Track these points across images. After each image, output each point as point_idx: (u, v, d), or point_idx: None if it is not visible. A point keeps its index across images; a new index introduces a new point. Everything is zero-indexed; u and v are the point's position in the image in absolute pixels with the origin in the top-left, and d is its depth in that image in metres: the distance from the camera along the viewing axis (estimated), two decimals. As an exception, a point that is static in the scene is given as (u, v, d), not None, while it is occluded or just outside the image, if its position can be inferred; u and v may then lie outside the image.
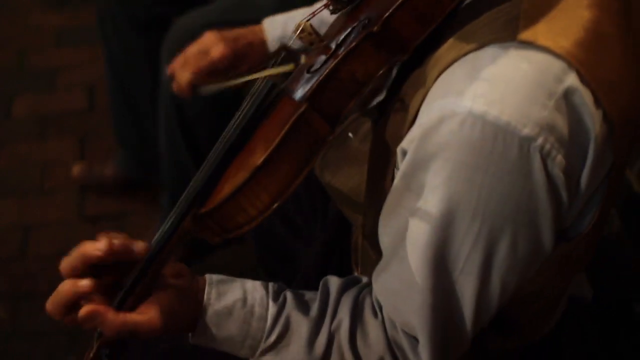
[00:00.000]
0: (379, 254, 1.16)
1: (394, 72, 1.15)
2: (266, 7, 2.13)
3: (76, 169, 2.78)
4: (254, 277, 1.22)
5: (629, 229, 2.08)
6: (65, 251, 1.12)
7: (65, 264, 1.10)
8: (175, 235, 1.10)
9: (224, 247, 2.31)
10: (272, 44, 1.63)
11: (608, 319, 1.41)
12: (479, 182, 0.98)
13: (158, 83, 2.29)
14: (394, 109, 1.10)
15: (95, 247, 1.08)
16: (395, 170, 1.10)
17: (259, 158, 1.05)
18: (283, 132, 1.05)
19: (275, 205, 1.07)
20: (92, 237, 1.11)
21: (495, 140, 0.96)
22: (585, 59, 0.98)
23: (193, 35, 1.84)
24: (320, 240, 1.61)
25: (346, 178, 1.28)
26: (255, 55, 1.63)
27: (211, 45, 1.61)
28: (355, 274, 1.32)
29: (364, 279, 1.24)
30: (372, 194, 1.16)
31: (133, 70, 2.49)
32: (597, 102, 0.99)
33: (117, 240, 1.09)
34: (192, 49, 1.63)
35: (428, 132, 1.00)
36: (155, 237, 1.11)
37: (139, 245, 1.10)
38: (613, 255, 2.09)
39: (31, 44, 3.44)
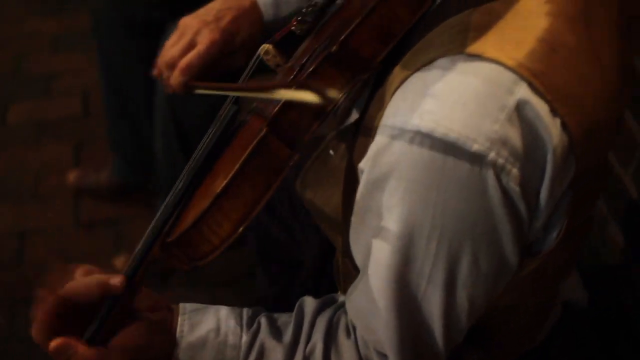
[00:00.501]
0: (358, 272, 1.15)
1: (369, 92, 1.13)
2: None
3: (71, 176, 2.78)
4: (251, 282, 1.21)
5: (626, 234, 2.08)
6: (61, 257, 1.12)
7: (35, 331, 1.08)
8: (143, 265, 1.10)
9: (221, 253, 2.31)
10: (268, 10, 1.48)
11: (605, 322, 1.40)
12: (432, 200, 0.96)
13: (154, 88, 2.28)
14: (361, 130, 1.08)
15: (115, 281, 1.08)
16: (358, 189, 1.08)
17: (219, 185, 1.04)
18: (243, 157, 1.04)
19: (239, 232, 1.06)
20: (88, 243, 1.11)
21: (445, 158, 0.93)
22: (538, 70, 0.94)
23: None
24: (316, 247, 1.60)
25: (327, 196, 1.25)
26: (247, 25, 1.46)
27: (193, 35, 1.43)
28: (339, 292, 1.32)
29: (341, 298, 1.23)
30: (346, 213, 1.14)
31: (128, 76, 2.48)
32: (554, 112, 0.94)
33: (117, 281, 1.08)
34: (175, 46, 1.44)
35: (380, 152, 0.98)
36: (125, 266, 1.11)
37: (115, 280, 1.09)
38: (610, 261, 2.10)
39: (27, 49, 3.45)
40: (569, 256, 1.15)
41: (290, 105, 1.05)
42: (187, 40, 1.42)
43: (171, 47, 1.44)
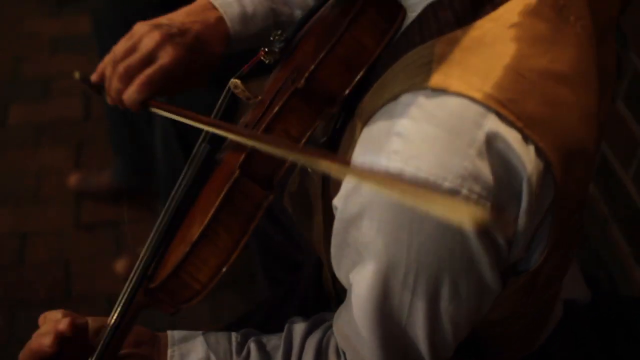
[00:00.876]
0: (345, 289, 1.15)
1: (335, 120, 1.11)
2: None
3: (72, 179, 2.78)
4: (253, 287, 1.21)
5: (626, 234, 2.08)
6: (62, 259, 1.12)
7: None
8: (130, 311, 1.10)
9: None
10: (235, 25, 1.33)
11: (605, 323, 1.40)
12: (405, 240, 0.94)
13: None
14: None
15: (42, 344, 1.06)
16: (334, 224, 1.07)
17: (195, 233, 1.04)
18: (217, 202, 1.03)
19: (219, 275, 1.06)
20: (88, 245, 1.12)
21: None
22: (507, 99, 0.90)
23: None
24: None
25: (308, 223, 1.24)
26: (212, 41, 1.31)
27: (154, 46, 1.25)
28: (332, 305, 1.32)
29: (331, 317, 1.21)
30: (328, 237, 1.11)
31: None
32: (526, 139, 0.91)
33: (64, 327, 1.06)
34: (132, 56, 1.26)
35: (351, 192, 0.97)
36: (112, 312, 1.10)
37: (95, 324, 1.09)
38: (611, 261, 2.09)
39: (26, 51, 3.44)
40: (560, 265, 1.13)
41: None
42: (146, 52, 1.25)
43: (124, 55, 1.27)
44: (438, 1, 0.97)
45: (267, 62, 1.18)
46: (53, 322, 1.08)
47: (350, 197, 0.97)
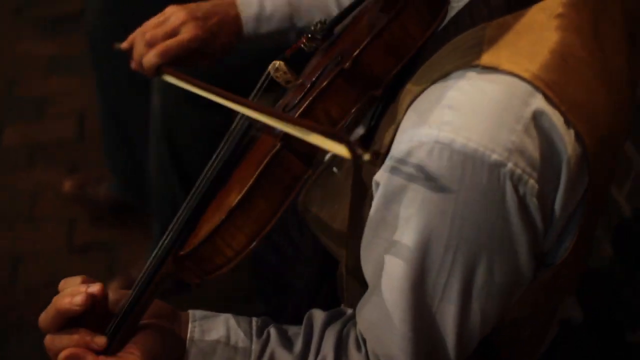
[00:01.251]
0: (363, 286, 1.16)
1: (375, 108, 1.14)
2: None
3: (67, 185, 2.76)
4: (247, 307, 1.21)
5: (620, 253, 2.08)
6: (54, 282, 1.12)
7: (43, 320, 1.09)
8: (156, 278, 1.10)
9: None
10: (248, 24, 1.53)
11: (600, 341, 1.41)
12: (450, 211, 0.97)
13: (149, 109, 2.28)
14: (371, 145, 1.09)
15: (73, 303, 1.06)
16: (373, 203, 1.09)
17: (234, 199, 1.05)
18: (257, 172, 1.04)
19: (253, 245, 1.06)
20: (82, 267, 1.11)
21: (464, 168, 0.95)
22: (552, 81, 0.96)
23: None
24: (309, 270, 1.60)
25: (332, 213, 1.27)
26: (227, 33, 1.52)
27: (179, 24, 1.47)
28: (342, 305, 1.31)
29: (349, 311, 1.23)
30: (354, 227, 1.15)
31: (124, 96, 2.48)
32: (567, 123, 0.97)
33: (96, 289, 1.08)
34: (158, 28, 1.48)
35: (397, 164, 0.99)
36: (137, 279, 1.11)
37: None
38: (604, 280, 2.09)
39: (21, 72, 3.43)
40: (577, 269, 1.16)
41: (306, 114, 1.06)
42: (171, 27, 1.47)
43: (153, 28, 1.48)
44: None
45: (307, 49, 1.22)
46: (77, 285, 1.09)
47: (396, 170, 0.99)
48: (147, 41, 1.46)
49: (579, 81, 0.99)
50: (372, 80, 1.06)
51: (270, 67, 1.21)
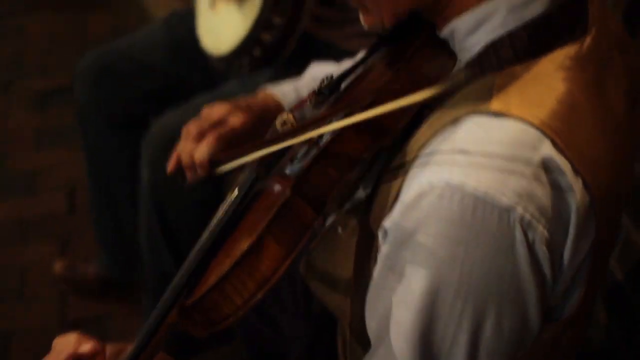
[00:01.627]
0: (366, 349, 1.14)
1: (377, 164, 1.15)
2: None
3: (58, 266, 2.75)
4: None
5: (613, 318, 2.06)
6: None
7: None
8: (160, 330, 1.08)
9: (212, 347, 2.28)
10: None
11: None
12: (460, 256, 0.97)
13: (138, 182, 2.27)
14: (377, 196, 1.10)
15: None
16: (378, 254, 1.09)
17: (244, 244, 1.05)
18: (269, 218, 1.05)
19: (261, 293, 1.06)
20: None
21: (475, 211, 0.95)
22: (560, 129, 0.98)
23: (172, 134, 1.83)
24: (303, 340, 1.59)
25: (337, 271, 1.27)
26: (273, 119, 1.45)
27: (227, 114, 1.43)
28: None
29: None
30: (358, 283, 1.16)
31: (113, 170, 2.49)
32: (575, 171, 0.98)
33: (87, 348, 1.11)
34: (204, 122, 1.43)
35: (408, 208, 0.99)
36: (140, 333, 1.09)
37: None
38: (599, 345, 2.08)
39: (10, 146, 3.43)
40: (580, 331, 1.16)
41: (311, 168, 1.08)
42: (217, 116, 1.43)
43: (197, 125, 1.43)
44: (499, 40, 1.05)
45: (313, 106, 1.24)
46: (69, 343, 1.13)
47: (406, 215, 1.00)
48: (195, 136, 1.41)
49: (584, 132, 1.01)
50: (381, 130, 1.08)
51: (277, 120, 1.22)
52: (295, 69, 2.01)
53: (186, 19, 2.38)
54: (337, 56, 1.71)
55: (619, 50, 1.14)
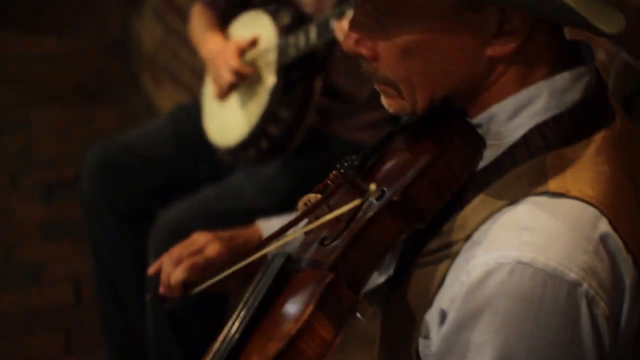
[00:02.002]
0: None
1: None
2: (250, 197, 2.16)
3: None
4: None
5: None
6: None
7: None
8: None
9: None
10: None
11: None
12: (529, 331, 0.99)
13: (144, 276, 2.27)
14: (411, 280, 1.12)
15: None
16: (420, 338, 1.10)
17: (292, 328, 1.04)
18: (314, 301, 1.04)
19: None
20: None
21: (545, 287, 0.98)
22: (612, 208, 1.02)
23: (179, 227, 1.84)
24: None
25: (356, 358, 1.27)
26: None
27: (205, 243, 1.53)
28: None
29: None
30: None
31: (119, 263, 2.48)
32: (627, 247, 1.02)
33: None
34: (184, 249, 1.54)
35: (473, 288, 1.01)
36: None
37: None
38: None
39: (16, 238, 3.44)
40: None
41: (349, 251, 1.08)
42: (196, 246, 1.52)
43: (180, 250, 1.54)
44: (544, 123, 1.08)
45: (333, 184, 1.24)
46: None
47: (472, 294, 1.01)
48: (174, 260, 1.52)
49: (628, 211, 1.06)
50: (417, 214, 1.09)
51: (301, 201, 1.24)
52: (301, 160, 2.04)
53: (191, 111, 2.42)
54: (342, 148, 1.73)
55: (635, 135, 1.17)
